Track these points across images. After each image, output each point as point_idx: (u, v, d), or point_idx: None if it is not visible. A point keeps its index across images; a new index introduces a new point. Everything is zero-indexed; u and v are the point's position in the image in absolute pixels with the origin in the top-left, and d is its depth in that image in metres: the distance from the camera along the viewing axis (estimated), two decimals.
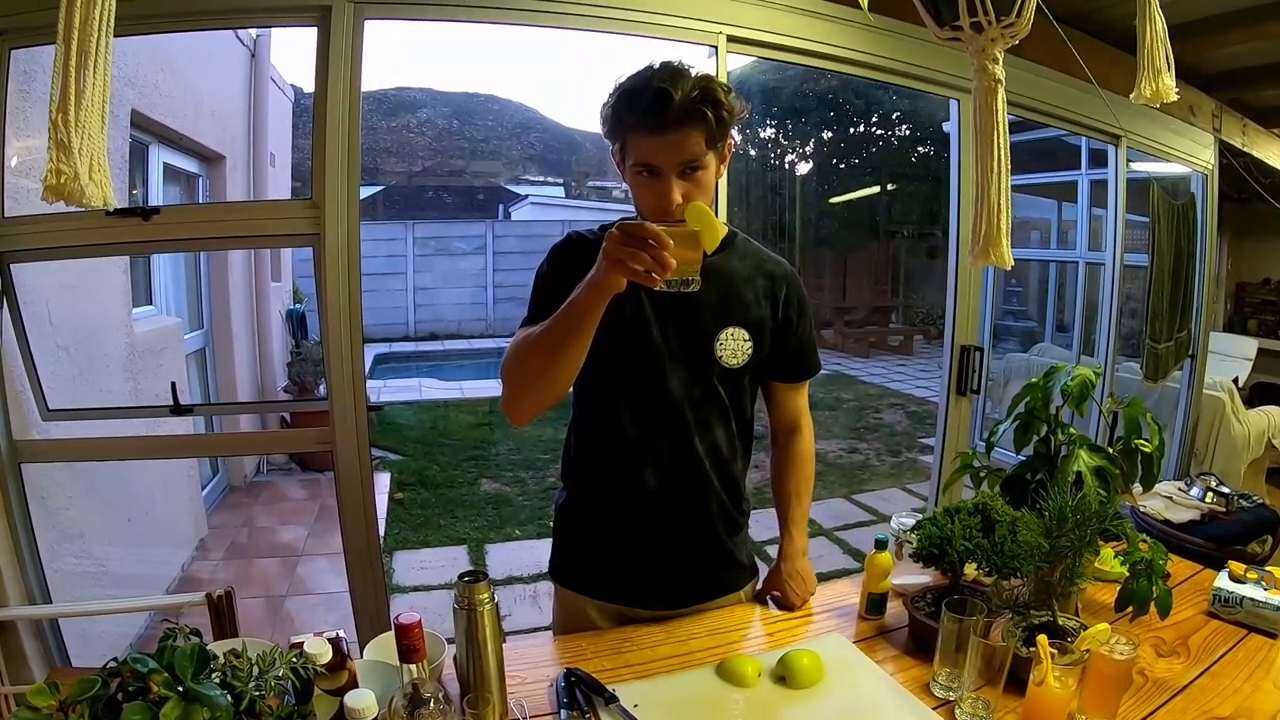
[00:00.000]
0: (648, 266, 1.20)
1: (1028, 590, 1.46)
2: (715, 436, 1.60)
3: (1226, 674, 1.43)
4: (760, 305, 1.60)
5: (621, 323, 1.49)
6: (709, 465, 1.59)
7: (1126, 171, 3.95)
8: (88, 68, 0.87)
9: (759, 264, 1.63)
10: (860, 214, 16.55)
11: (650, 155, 1.38)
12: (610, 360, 1.51)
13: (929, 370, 12.22)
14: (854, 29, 2.77)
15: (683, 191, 1.38)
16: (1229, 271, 8.22)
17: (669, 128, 1.34)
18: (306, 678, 1.09)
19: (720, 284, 1.55)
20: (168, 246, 3.11)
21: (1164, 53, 1.67)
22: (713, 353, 1.55)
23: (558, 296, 1.38)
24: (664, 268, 1.20)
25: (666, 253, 1.19)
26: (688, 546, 1.64)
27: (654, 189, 1.39)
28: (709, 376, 1.56)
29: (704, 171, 1.40)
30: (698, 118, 1.35)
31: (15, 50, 2.23)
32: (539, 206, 18.99)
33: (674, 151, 1.36)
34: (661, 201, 1.38)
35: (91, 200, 0.90)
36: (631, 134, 1.40)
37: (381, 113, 22.57)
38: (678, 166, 1.37)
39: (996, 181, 1.46)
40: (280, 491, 5.77)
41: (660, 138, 1.35)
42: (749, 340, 1.57)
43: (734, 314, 1.57)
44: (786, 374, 1.74)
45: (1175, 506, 2.60)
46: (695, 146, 1.37)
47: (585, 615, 1.67)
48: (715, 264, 1.54)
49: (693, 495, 1.61)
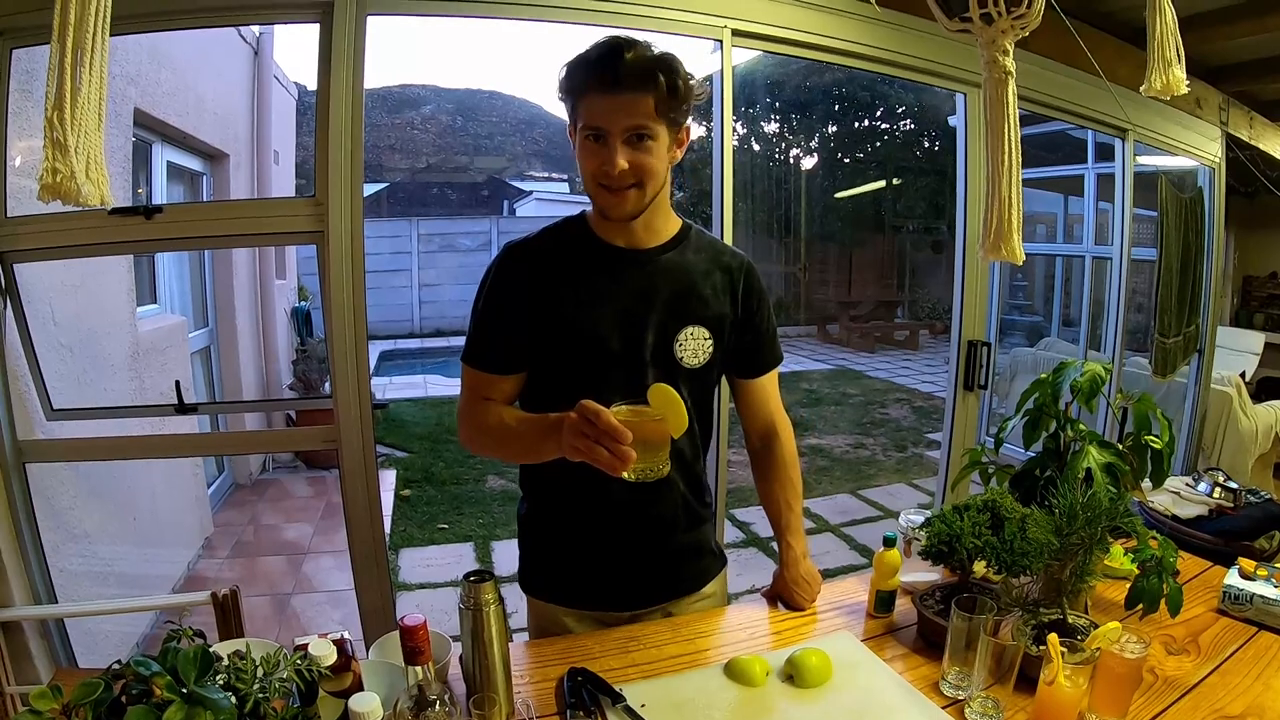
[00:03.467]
0: (604, 463, 1.18)
1: (1037, 588, 1.44)
2: (679, 439, 1.53)
3: (1237, 672, 1.41)
4: (719, 300, 1.56)
5: (575, 332, 1.47)
6: (674, 468, 1.52)
7: (1133, 165, 3.93)
8: (83, 65, 0.86)
9: (714, 256, 1.58)
10: (866, 208, 16.55)
11: (598, 117, 1.35)
12: (565, 371, 1.49)
13: (935, 365, 12.21)
14: (861, 22, 2.76)
15: (628, 158, 1.35)
16: (1235, 265, 8.19)
17: (619, 86, 1.32)
18: (311, 680, 1.08)
19: (676, 281, 1.52)
20: (171, 245, 3.11)
21: (1174, 44, 1.65)
22: (672, 355, 1.51)
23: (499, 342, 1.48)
24: (623, 461, 1.17)
25: (626, 446, 1.16)
26: (655, 547, 1.62)
27: (599, 154, 1.37)
28: (672, 381, 1.44)
29: (653, 142, 1.37)
30: (649, 80, 1.33)
31: (16, 50, 2.23)
32: (543, 202, 19.00)
33: (622, 114, 1.34)
34: (604, 166, 1.36)
35: (89, 199, 0.89)
36: (583, 97, 1.37)
37: (385, 109, 22.61)
38: (625, 131, 1.35)
39: (1008, 175, 1.44)
40: (286, 489, 5.78)
41: (609, 97, 1.33)
42: (709, 338, 1.53)
43: (692, 312, 1.52)
44: (750, 368, 1.68)
45: (1183, 502, 2.58)
46: (644, 111, 1.34)
47: (558, 623, 1.63)
48: (670, 260, 1.53)
49: (658, 498, 1.57)
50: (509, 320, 1.48)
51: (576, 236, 1.53)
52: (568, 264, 1.50)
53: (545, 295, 1.47)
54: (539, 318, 1.47)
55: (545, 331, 1.47)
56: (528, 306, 1.47)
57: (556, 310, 1.47)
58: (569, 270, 1.49)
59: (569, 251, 1.51)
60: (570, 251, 1.51)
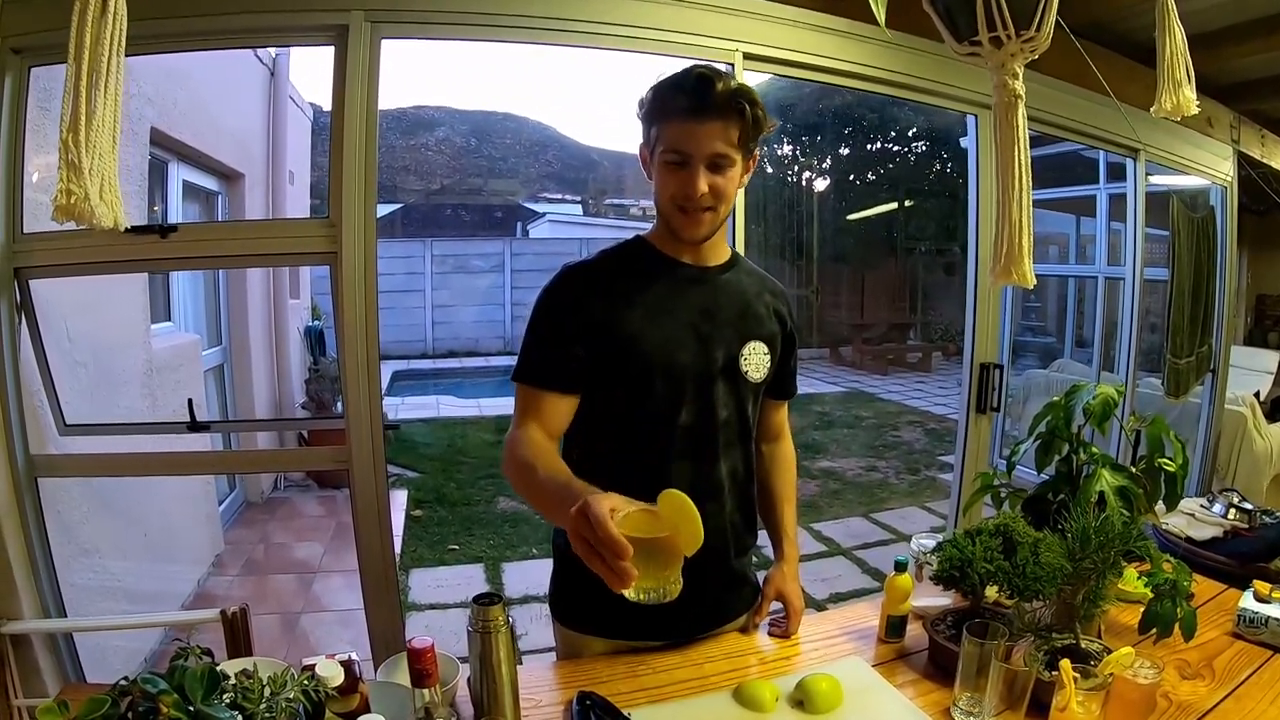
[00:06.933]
0: (604, 577, 1.02)
1: (1050, 613, 1.43)
2: (735, 457, 1.57)
3: (1252, 696, 1.40)
4: (771, 320, 1.60)
5: (642, 345, 1.46)
6: (728, 488, 1.56)
7: (1145, 185, 3.92)
8: (98, 88, 0.87)
9: (761, 280, 1.64)
10: (878, 230, 16.57)
11: (684, 141, 1.37)
12: (630, 388, 1.47)
13: (948, 387, 12.16)
14: (871, 45, 2.76)
15: (709, 184, 1.38)
16: (1248, 284, 8.14)
17: (707, 113, 1.35)
18: (318, 700, 1.08)
19: (736, 299, 1.56)
20: (185, 264, 3.14)
21: (1184, 65, 1.66)
22: (739, 368, 1.53)
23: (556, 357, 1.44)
24: (621, 580, 1.01)
25: (626, 563, 1.00)
26: (701, 576, 1.57)
27: (680, 177, 1.39)
28: (737, 392, 1.54)
29: (731, 169, 1.41)
30: (736, 109, 1.37)
31: (35, 68, 2.26)
32: (557, 224, 19.10)
33: (707, 140, 1.37)
34: (686, 188, 1.39)
35: (102, 220, 0.90)
36: (668, 120, 1.39)
37: (400, 131, 22.77)
38: (708, 157, 1.37)
39: (1018, 199, 1.44)
40: (297, 508, 5.78)
41: (696, 124, 1.36)
42: (768, 354, 1.57)
43: (752, 329, 1.56)
44: (779, 390, 1.72)
45: (1197, 524, 2.55)
46: (728, 140, 1.38)
47: (592, 650, 1.60)
48: (729, 279, 1.57)
49: (710, 521, 1.54)
50: (568, 335, 1.45)
51: (638, 254, 1.54)
52: (630, 279, 1.50)
53: (608, 310, 1.46)
54: (602, 333, 1.45)
55: (609, 347, 1.45)
56: (589, 322, 1.45)
57: (622, 324, 1.46)
58: (631, 285, 1.49)
59: (631, 268, 1.52)
60: (632, 268, 1.52)
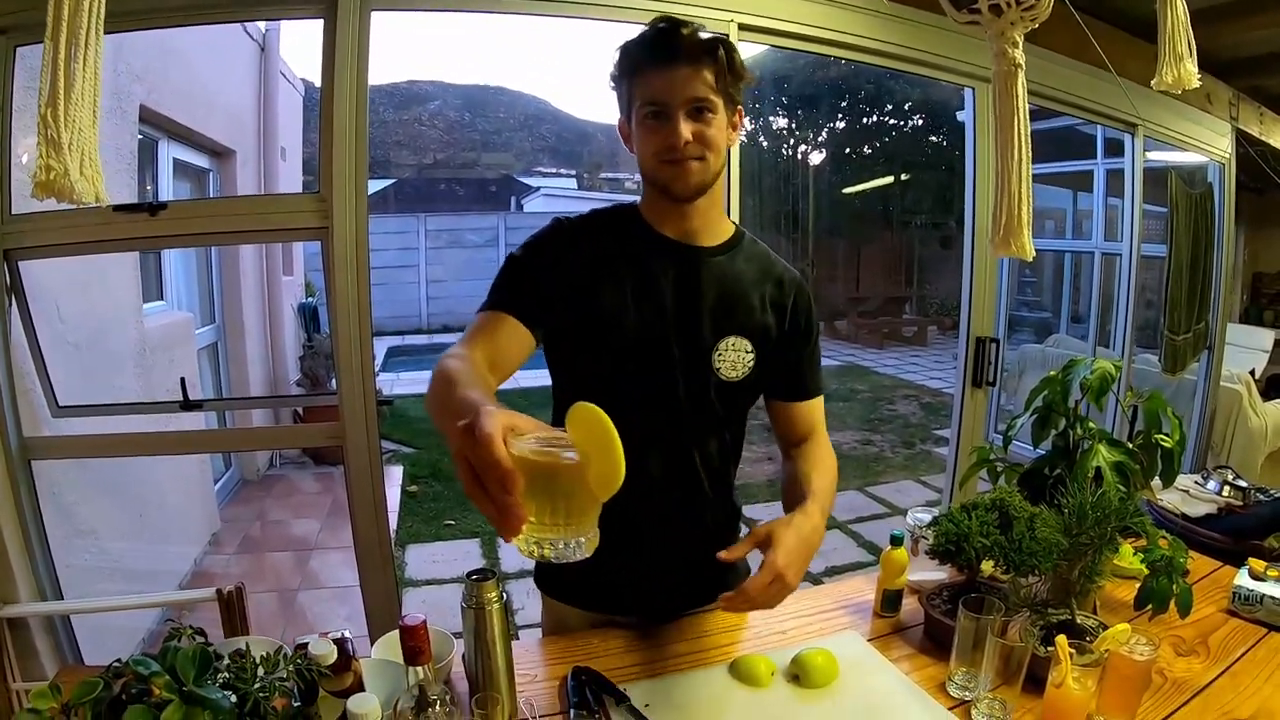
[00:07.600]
0: (487, 517, 0.81)
1: (1046, 588, 1.43)
2: (709, 447, 1.51)
3: (1247, 673, 1.40)
4: (764, 313, 1.49)
5: (606, 330, 1.41)
6: (704, 474, 1.51)
7: (1143, 160, 3.90)
8: (77, 60, 0.85)
9: (766, 267, 1.53)
10: (874, 204, 16.56)
11: (659, 91, 1.33)
12: (596, 368, 1.44)
13: (943, 361, 12.19)
14: (868, 16, 2.74)
15: (693, 131, 1.33)
16: (1245, 262, 8.14)
17: (678, 59, 1.31)
18: (311, 679, 1.08)
19: (722, 287, 1.46)
20: (175, 242, 3.10)
21: (1185, 38, 1.64)
22: (710, 364, 1.44)
23: (528, 288, 1.38)
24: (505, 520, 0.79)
25: (513, 498, 0.78)
26: (679, 557, 1.56)
27: (661, 130, 1.34)
28: (705, 391, 1.45)
29: (714, 116, 1.35)
30: (708, 52, 1.33)
31: (21, 48, 2.22)
32: (551, 198, 19.02)
33: (683, 85, 1.32)
34: (669, 139, 1.33)
35: (83, 197, 0.89)
36: (640, 74, 1.36)
37: (392, 106, 22.65)
38: (686, 103, 1.33)
39: (1017, 170, 1.43)
40: (293, 485, 5.79)
41: (669, 71, 1.32)
42: (751, 352, 1.47)
43: (736, 321, 1.46)
44: (793, 390, 1.59)
45: (1192, 500, 2.56)
46: (705, 83, 1.33)
47: (570, 622, 1.60)
48: (719, 263, 1.48)
49: (685, 506, 1.53)
50: (542, 273, 1.41)
51: (627, 220, 1.49)
52: (613, 245, 1.45)
53: (583, 268, 1.41)
54: (572, 288, 1.40)
55: (573, 306, 1.40)
56: (564, 271, 1.41)
57: (590, 287, 1.41)
58: (613, 251, 1.44)
59: (616, 233, 1.47)
60: (618, 234, 1.47)
